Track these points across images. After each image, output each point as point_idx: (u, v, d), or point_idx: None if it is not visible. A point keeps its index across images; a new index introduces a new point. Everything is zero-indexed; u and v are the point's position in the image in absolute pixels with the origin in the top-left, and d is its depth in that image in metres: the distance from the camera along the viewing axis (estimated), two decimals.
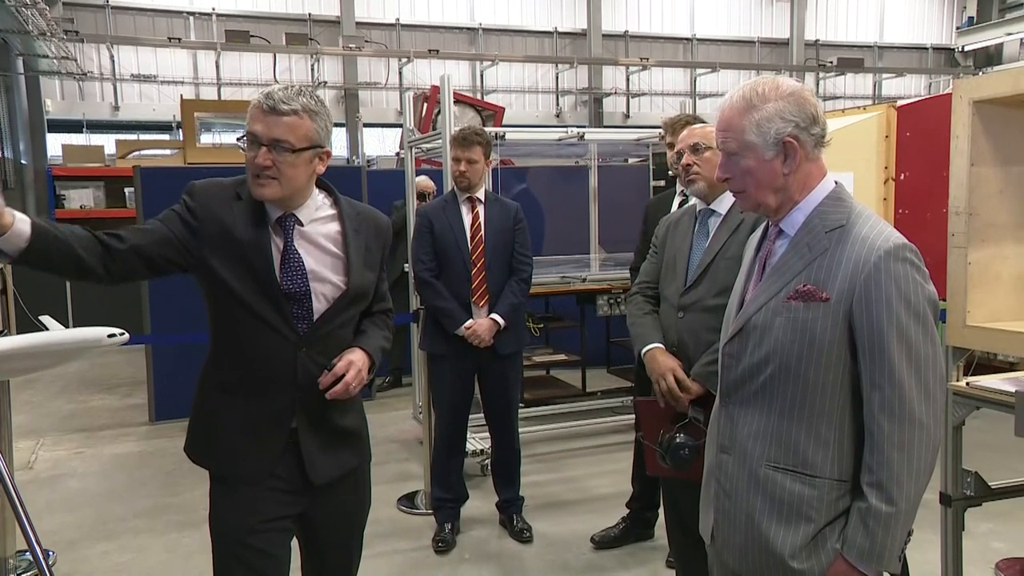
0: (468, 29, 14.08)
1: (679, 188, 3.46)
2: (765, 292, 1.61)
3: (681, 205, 3.38)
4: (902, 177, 3.71)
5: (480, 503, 4.10)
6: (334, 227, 2.01)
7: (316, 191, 2.01)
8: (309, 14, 13.18)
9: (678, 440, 2.20)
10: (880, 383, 1.48)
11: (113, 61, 12.14)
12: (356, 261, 2.00)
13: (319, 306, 1.96)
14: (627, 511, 3.73)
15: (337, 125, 12.92)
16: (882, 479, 1.47)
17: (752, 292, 1.66)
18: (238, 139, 1.90)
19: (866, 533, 1.49)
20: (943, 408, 1.54)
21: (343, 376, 1.91)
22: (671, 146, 3.37)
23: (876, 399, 1.49)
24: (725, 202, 2.51)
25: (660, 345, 2.56)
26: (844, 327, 1.51)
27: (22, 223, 1.64)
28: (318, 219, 1.99)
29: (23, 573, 3.49)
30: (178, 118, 10.09)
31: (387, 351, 2.08)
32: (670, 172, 3.49)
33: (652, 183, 6.52)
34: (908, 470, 1.46)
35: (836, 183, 1.62)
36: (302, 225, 1.96)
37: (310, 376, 1.94)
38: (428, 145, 5.50)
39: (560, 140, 5.38)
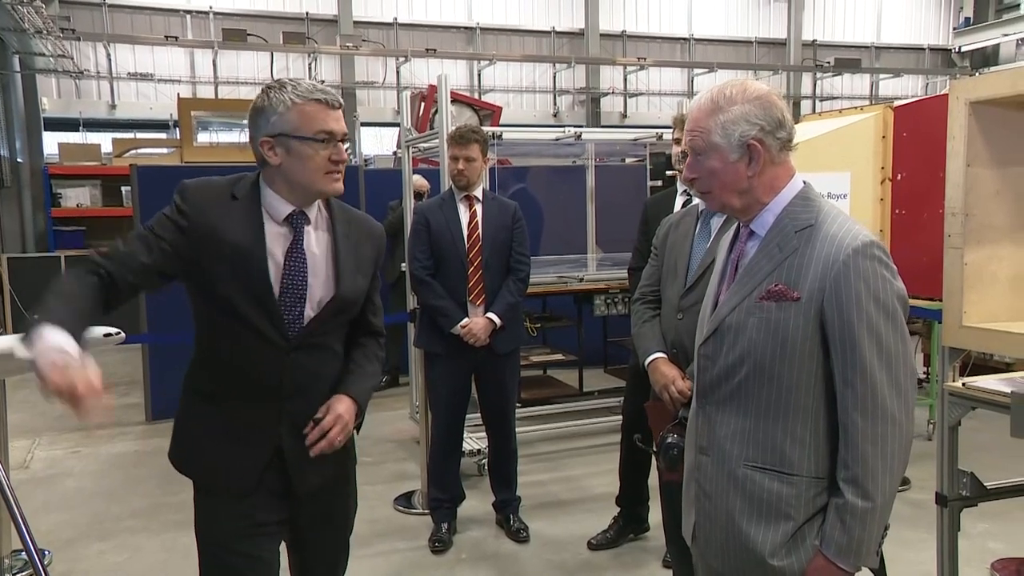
0: (466, 28, 14.06)
1: (680, 187, 3.42)
2: (738, 293, 1.62)
3: (685, 204, 3.30)
4: (899, 177, 3.71)
5: (477, 503, 4.10)
6: (325, 228, 1.94)
7: None
8: (307, 13, 13.15)
9: (668, 440, 2.21)
10: (852, 380, 1.50)
11: (110, 59, 12.10)
12: (347, 266, 1.93)
13: (309, 311, 1.89)
14: (618, 510, 3.73)
15: None
16: (857, 475, 1.49)
17: (725, 293, 1.67)
18: (317, 140, 1.78)
19: (843, 529, 1.50)
20: (915, 402, 1.56)
21: (329, 431, 1.85)
22: (678, 142, 3.33)
23: (849, 396, 1.51)
24: None
25: (662, 355, 2.57)
26: (816, 325, 1.53)
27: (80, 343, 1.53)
28: (316, 219, 1.94)
29: (19, 573, 3.48)
30: (175, 117, 10.05)
31: (377, 378, 2.03)
32: (676, 167, 3.44)
33: (649, 183, 6.54)
34: (883, 465, 1.48)
35: (805, 183, 1.64)
36: (309, 223, 1.89)
37: (296, 384, 1.88)
38: (425, 144, 5.50)
39: (557, 140, 5.38)
